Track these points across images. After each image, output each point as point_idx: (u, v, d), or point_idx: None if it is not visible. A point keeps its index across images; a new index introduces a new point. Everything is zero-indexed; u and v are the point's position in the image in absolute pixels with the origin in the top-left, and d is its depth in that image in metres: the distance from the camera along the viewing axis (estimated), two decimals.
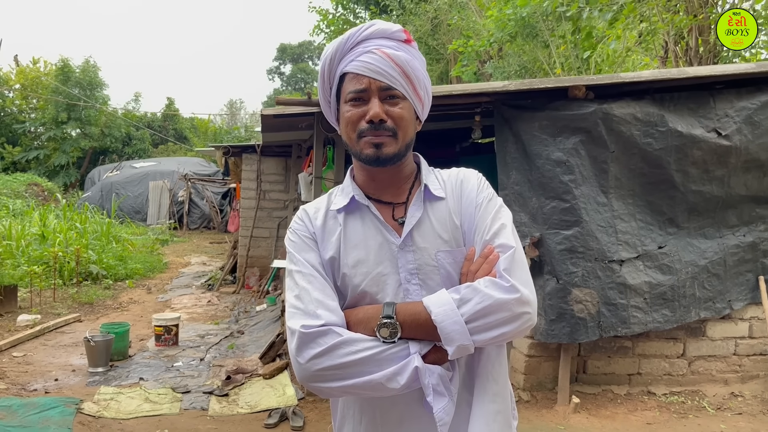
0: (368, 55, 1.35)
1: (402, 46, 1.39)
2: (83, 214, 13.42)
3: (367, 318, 1.30)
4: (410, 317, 1.27)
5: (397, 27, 1.40)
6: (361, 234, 1.39)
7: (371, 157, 1.35)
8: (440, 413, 1.28)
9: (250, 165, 10.37)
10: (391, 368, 1.24)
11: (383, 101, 1.34)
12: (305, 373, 1.27)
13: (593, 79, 4.97)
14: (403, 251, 1.36)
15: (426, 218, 1.39)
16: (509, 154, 4.93)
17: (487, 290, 1.25)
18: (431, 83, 1.48)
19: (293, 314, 1.31)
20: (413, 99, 1.39)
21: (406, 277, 1.35)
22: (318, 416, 4.65)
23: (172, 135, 32.15)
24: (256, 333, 7.12)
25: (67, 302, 8.50)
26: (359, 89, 1.35)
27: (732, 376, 5.18)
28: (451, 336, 1.24)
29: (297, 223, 1.45)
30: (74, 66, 27.34)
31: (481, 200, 1.40)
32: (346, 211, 1.42)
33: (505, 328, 1.25)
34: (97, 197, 20.22)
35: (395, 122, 1.34)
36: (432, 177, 1.46)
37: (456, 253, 1.37)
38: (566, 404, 4.73)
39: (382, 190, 1.43)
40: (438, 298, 1.27)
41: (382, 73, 1.33)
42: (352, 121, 1.36)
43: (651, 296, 4.73)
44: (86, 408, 4.63)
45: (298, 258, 1.38)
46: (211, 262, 13.66)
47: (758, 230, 5.06)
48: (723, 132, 4.81)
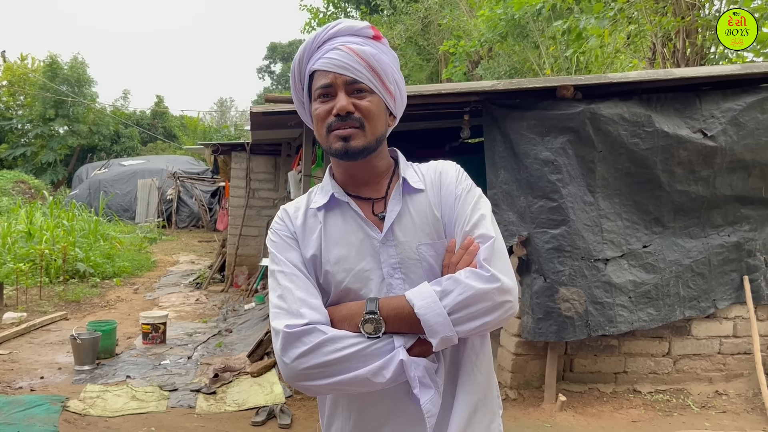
0: (334, 51, 1.36)
1: (369, 42, 1.40)
2: (70, 212, 13.33)
3: (350, 315, 1.31)
4: (393, 311, 1.28)
5: (364, 24, 1.42)
6: (342, 230, 1.40)
7: (340, 150, 1.36)
8: (427, 405, 1.29)
9: (239, 163, 10.35)
10: (376, 363, 1.25)
11: (350, 95, 1.35)
12: (291, 372, 1.27)
13: (581, 79, 5.01)
14: (384, 246, 1.37)
15: (406, 212, 1.40)
16: (498, 153, 4.96)
17: (468, 281, 1.26)
18: (421, 83, 1.49)
19: (277, 314, 1.31)
20: (382, 93, 1.39)
21: (389, 272, 1.36)
22: (306, 414, 4.65)
23: (161, 133, 31.99)
24: (245, 331, 7.11)
25: (54, 300, 8.44)
26: (325, 84, 1.36)
27: (716, 375, 5.24)
28: (435, 328, 1.25)
29: (277, 223, 1.45)
30: (62, 63, 27.13)
31: (460, 191, 1.41)
32: (326, 209, 1.42)
33: (488, 317, 1.26)
34: (85, 195, 20.09)
35: (363, 114, 1.35)
36: (410, 170, 1.47)
37: (438, 246, 1.38)
38: (553, 402, 4.76)
39: (361, 186, 1.44)
40: (420, 291, 1.28)
41: (347, 68, 1.34)
42: (321, 116, 1.37)
43: (635, 295, 4.77)
44: (72, 406, 4.60)
45: (279, 258, 1.39)
46: (200, 260, 13.61)
47: (743, 230, 5.11)
48: (709, 133, 4.86)
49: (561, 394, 4.82)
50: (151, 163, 22.60)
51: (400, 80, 1.46)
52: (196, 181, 19.84)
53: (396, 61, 1.45)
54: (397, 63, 1.45)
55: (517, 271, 4.87)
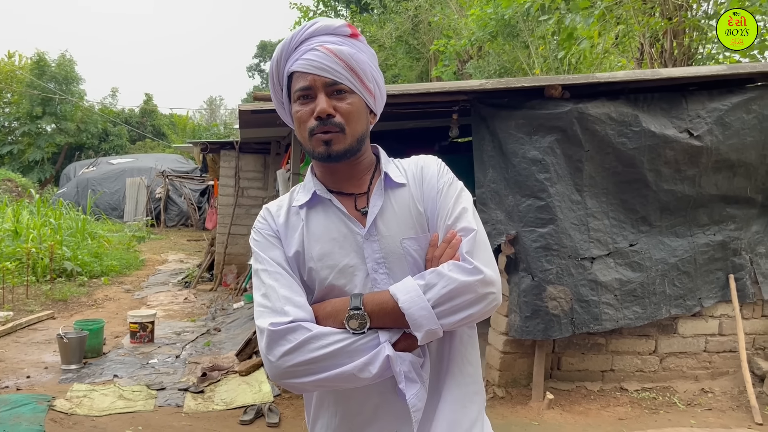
0: (311, 52, 1.35)
1: (347, 40, 1.39)
2: (58, 210, 13.22)
3: (335, 311, 1.31)
4: (378, 306, 1.28)
5: (341, 22, 1.40)
6: (325, 227, 1.39)
7: (323, 154, 1.36)
8: (413, 399, 1.29)
9: (228, 162, 10.31)
10: (362, 359, 1.25)
11: (330, 97, 1.34)
12: (277, 370, 1.27)
13: (569, 78, 5.04)
14: (368, 241, 1.37)
15: (389, 206, 1.40)
16: (486, 153, 4.97)
17: (451, 274, 1.27)
18: (411, 82, 1.49)
19: (261, 313, 1.31)
20: (362, 92, 1.38)
21: (373, 267, 1.35)
22: (294, 413, 4.65)
23: (150, 131, 31.82)
24: (233, 330, 7.09)
25: (41, 299, 8.38)
26: (304, 87, 1.35)
27: (702, 373, 5.28)
28: (419, 322, 1.25)
29: (260, 222, 1.45)
30: (50, 60, 26.92)
31: (441, 185, 1.41)
32: (308, 206, 1.42)
33: (472, 309, 1.27)
34: (73, 193, 19.95)
35: (343, 117, 1.34)
36: (392, 166, 1.47)
37: (421, 240, 1.38)
38: (540, 400, 4.79)
39: (342, 182, 1.44)
40: (404, 285, 1.29)
41: (326, 69, 1.33)
42: (302, 119, 1.37)
43: (621, 293, 4.80)
44: (58, 405, 4.57)
45: (263, 257, 1.39)
46: (189, 259, 13.55)
47: (728, 229, 5.16)
48: (695, 132, 4.90)
49: (548, 392, 4.85)
50: (140, 162, 22.49)
51: (379, 77, 1.45)
52: (185, 179, 19.76)
53: (374, 57, 1.45)
54: (375, 60, 1.45)
55: (505, 270, 4.89)
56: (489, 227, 4.81)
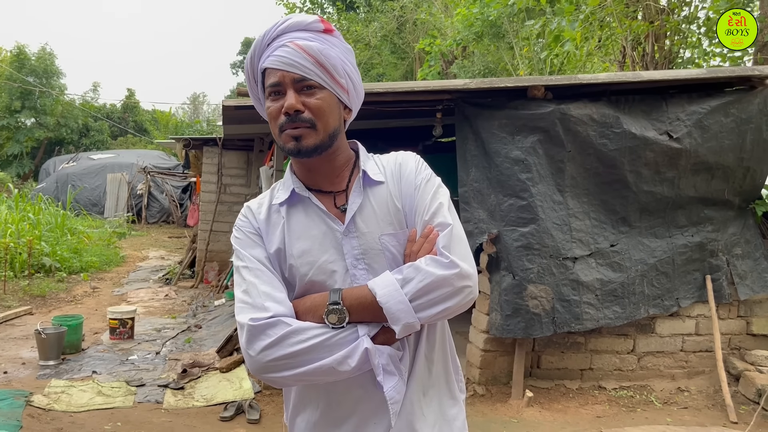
0: (282, 48, 1.35)
1: (319, 36, 1.39)
2: (36, 205, 13.05)
3: (314, 306, 1.32)
4: (356, 301, 1.30)
5: (314, 18, 1.41)
6: (305, 225, 1.41)
7: (293, 150, 1.37)
8: (391, 392, 1.31)
9: (211, 158, 10.24)
10: (341, 352, 1.26)
11: (300, 92, 1.35)
12: (257, 365, 1.28)
13: (552, 79, 5.08)
14: (347, 237, 1.38)
15: (367, 203, 1.41)
16: (469, 152, 5.00)
17: (428, 268, 1.29)
18: (396, 80, 1.48)
19: (242, 309, 1.33)
20: (333, 87, 1.38)
21: (353, 263, 1.37)
22: (275, 409, 4.64)
23: (132, 127, 31.50)
24: (214, 327, 7.06)
25: (18, 295, 8.26)
26: (274, 83, 1.36)
27: (679, 372, 5.36)
28: (397, 315, 1.27)
29: (241, 220, 1.46)
30: (30, 53, 26.52)
31: (419, 181, 1.43)
32: (288, 204, 1.44)
33: (448, 303, 1.29)
34: (52, 189, 19.68)
35: (312, 113, 1.35)
36: (371, 163, 1.48)
37: (400, 236, 1.40)
38: (520, 398, 4.83)
39: (320, 180, 1.45)
40: (382, 279, 1.30)
41: (294, 65, 1.33)
42: (273, 115, 1.38)
43: (602, 293, 4.86)
44: (36, 401, 4.53)
45: (244, 254, 1.40)
46: (170, 256, 13.45)
47: (705, 231, 5.24)
48: (674, 135, 4.97)
49: (528, 390, 4.89)
50: (121, 158, 22.25)
51: (353, 73, 1.45)
52: (167, 176, 19.59)
53: (349, 53, 1.45)
54: (350, 55, 1.45)
55: (487, 269, 4.92)
56: (471, 226, 4.84)
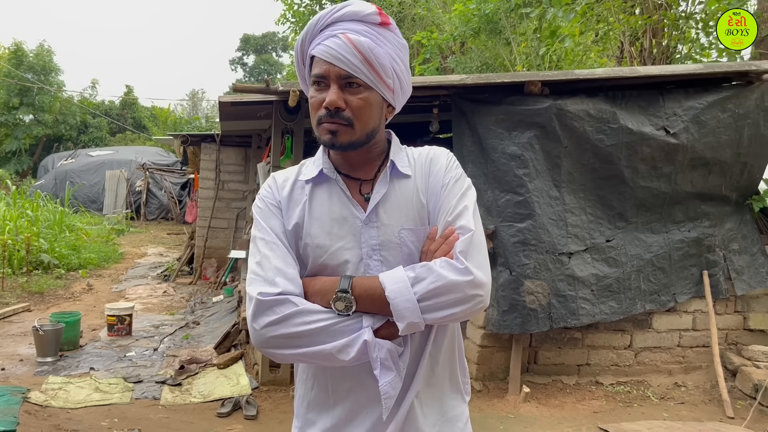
0: (332, 39, 1.33)
1: (373, 30, 1.36)
2: (35, 202, 13.03)
3: (323, 289, 1.32)
4: (365, 292, 1.29)
5: (372, 9, 1.36)
6: (327, 207, 1.40)
7: (327, 143, 1.36)
8: (386, 387, 1.30)
9: (208, 155, 10.23)
10: (342, 340, 1.27)
11: (343, 89, 1.33)
12: (259, 339, 1.30)
13: (548, 75, 5.07)
14: (366, 226, 1.37)
15: (392, 195, 1.40)
16: (466, 147, 5.00)
17: (442, 270, 1.27)
18: None
19: (253, 280, 1.33)
20: (378, 87, 1.36)
21: (368, 253, 1.36)
22: (272, 405, 4.65)
23: (130, 124, 31.43)
24: (212, 324, 7.06)
25: (17, 291, 8.27)
26: (319, 74, 1.34)
27: (676, 367, 5.37)
28: (403, 313, 1.26)
29: (265, 190, 1.46)
30: (28, 50, 26.45)
31: (448, 180, 1.41)
32: (314, 183, 1.43)
33: (456, 308, 1.28)
34: (51, 185, 19.65)
35: (353, 112, 1.33)
36: (402, 155, 1.46)
37: (419, 232, 1.38)
38: (517, 394, 4.83)
39: (352, 166, 1.44)
40: (393, 274, 1.30)
41: (342, 60, 1.31)
42: (314, 106, 1.37)
43: (598, 288, 4.86)
44: (33, 397, 4.53)
45: (262, 225, 1.40)
46: (169, 253, 13.45)
47: (702, 226, 5.24)
48: (671, 130, 4.96)
49: (525, 385, 4.89)
50: (120, 154, 22.19)
51: (402, 71, 1.42)
52: (165, 172, 19.57)
53: (402, 49, 1.42)
54: (402, 52, 1.42)
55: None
56: None
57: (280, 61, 40.89)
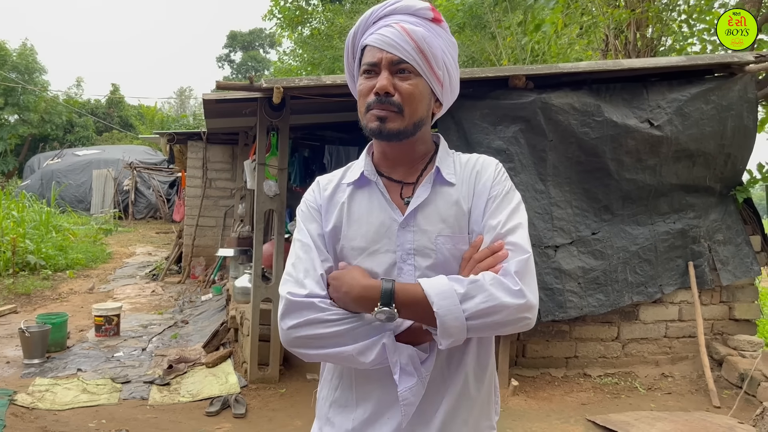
0: (386, 28, 1.34)
1: (426, 23, 1.36)
2: (21, 203, 12.92)
3: (362, 298, 1.28)
4: (410, 301, 1.25)
5: (424, 4, 1.37)
6: (366, 209, 1.40)
7: (374, 130, 1.34)
8: (405, 393, 1.28)
9: (195, 152, 10.16)
10: (363, 342, 1.27)
11: (394, 75, 1.33)
12: (286, 338, 1.32)
13: (533, 68, 5.08)
14: (403, 230, 1.35)
15: (432, 200, 1.38)
16: (451, 143, 4.98)
17: (493, 289, 1.23)
18: None
19: (286, 281, 1.35)
20: (429, 77, 1.36)
21: (403, 257, 1.34)
22: (261, 403, 4.64)
23: (117, 122, 31.19)
24: (201, 322, 7.04)
25: (3, 293, 8.20)
26: (371, 62, 1.34)
27: (663, 358, 5.41)
28: (450, 331, 1.22)
29: (309, 194, 1.48)
30: (11, 49, 26.17)
31: (496, 192, 1.38)
32: (355, 185, 1.43)
33: (503, 329, 1.26)
34: (37, 186, 19.48)
35: (402, 97, 1.32)
36: (449, 160, 1.44)
37: (457, 239, 1.35)
38: (505, 387, 4.85)
39: (394, 167, 1.43)
40: (440, 288, 1.24)
41: (395, 46, 1.31)
42: (363, 93, 1.36)
43: (585, 281, 4.89)
44: (20, 399, 4.50)
45: (302, 227, 1.42)
46: (157, 252, 13.37)
47: (687, 218, 5.27)
48: (655, 122, 4.99)
49: (514, 379, 4.92)
50: (107, 153, 22.01)
51: (453, 67, 1.42)
52: (153, 171, 19.44)
53: (452, 47, 1.41)
54: (453, 49, 1.41)
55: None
56: None
57: (268, 57, 40.72)
